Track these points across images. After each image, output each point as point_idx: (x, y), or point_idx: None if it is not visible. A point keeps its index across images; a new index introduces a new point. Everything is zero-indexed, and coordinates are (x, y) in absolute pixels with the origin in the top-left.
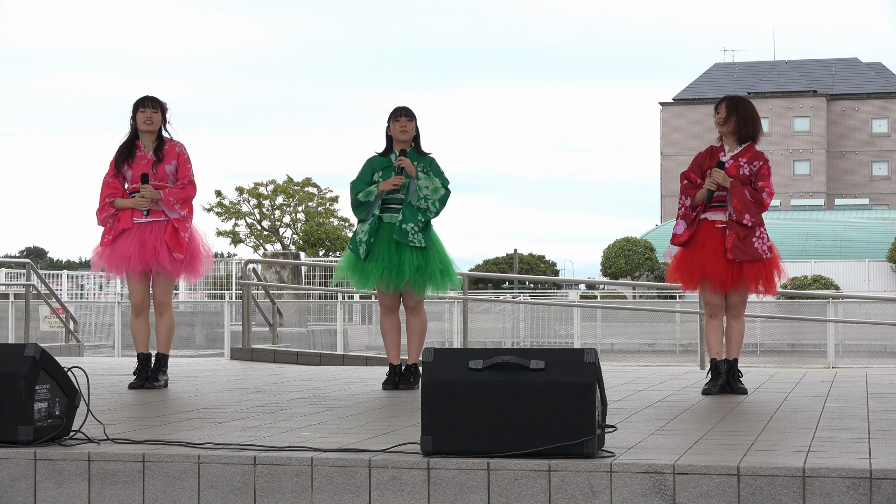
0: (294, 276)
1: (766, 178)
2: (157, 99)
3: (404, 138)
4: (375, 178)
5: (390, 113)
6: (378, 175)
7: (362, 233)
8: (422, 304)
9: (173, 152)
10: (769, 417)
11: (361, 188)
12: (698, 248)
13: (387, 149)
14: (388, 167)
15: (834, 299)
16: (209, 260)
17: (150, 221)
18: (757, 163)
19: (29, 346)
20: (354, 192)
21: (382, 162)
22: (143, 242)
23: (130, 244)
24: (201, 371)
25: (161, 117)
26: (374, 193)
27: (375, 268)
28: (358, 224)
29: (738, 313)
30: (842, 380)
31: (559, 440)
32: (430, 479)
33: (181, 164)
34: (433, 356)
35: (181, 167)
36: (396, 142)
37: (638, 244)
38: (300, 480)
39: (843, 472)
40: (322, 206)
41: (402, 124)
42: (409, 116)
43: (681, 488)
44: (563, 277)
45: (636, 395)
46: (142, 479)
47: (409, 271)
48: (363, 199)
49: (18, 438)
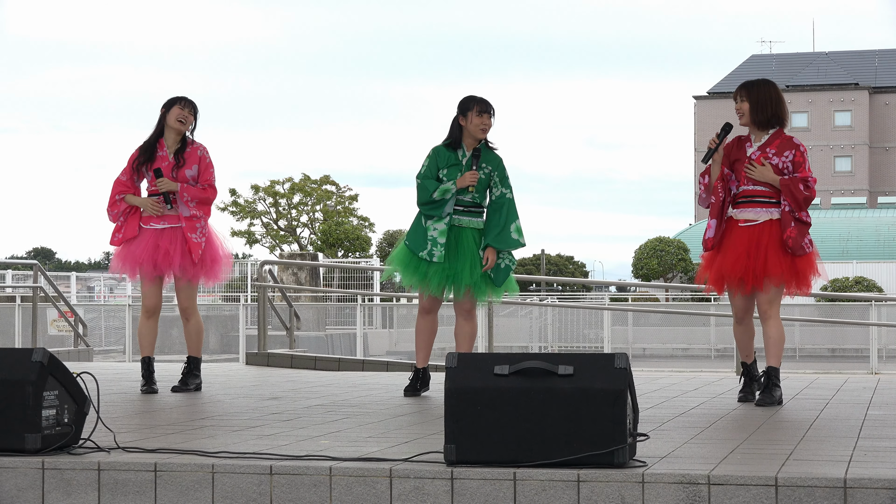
0: (312, 277)
1: (802, 166)
2: (194, 102)
3: (484, 136)
4: (440, 176)
5: (468, 103)
6: (443, 172)
7: (437, 232)
8: (475, 308)
9: (195, 156)
10: (808, 426)
11: (433, 185)
12: (723, 249)
13: (455, 141)
14: (454, 165)
15: (877, 302)
16: (228, 263)
17: (166, 228)
18: (788, 153)
19: (37, 350)
20: (428, 191)
21: (449, 158)
22: (156, 247)
23: (144, 248)
24: (215, 377)
25: (194, 119)
26: (451, 192)
27: (438, 271)
28: (428, 221)
29: (768, 315)
30: (885, 386)
31: (589, 449)
32: (453, 489)
33: (203, 168)
34: (457, 361)
35: (203, 172)
36: (469, 136)
37: (671, 244)
38: (318, 491)
39: (887, 483)
40: (341, 205)
41: (486, 121)
42: (493, 113)
43: (716, 499)
44: (592, 279)
45: (669, 402)
46: (154, 489)
47: (472, 279)
48: (439, 198)
49: (26, 447)
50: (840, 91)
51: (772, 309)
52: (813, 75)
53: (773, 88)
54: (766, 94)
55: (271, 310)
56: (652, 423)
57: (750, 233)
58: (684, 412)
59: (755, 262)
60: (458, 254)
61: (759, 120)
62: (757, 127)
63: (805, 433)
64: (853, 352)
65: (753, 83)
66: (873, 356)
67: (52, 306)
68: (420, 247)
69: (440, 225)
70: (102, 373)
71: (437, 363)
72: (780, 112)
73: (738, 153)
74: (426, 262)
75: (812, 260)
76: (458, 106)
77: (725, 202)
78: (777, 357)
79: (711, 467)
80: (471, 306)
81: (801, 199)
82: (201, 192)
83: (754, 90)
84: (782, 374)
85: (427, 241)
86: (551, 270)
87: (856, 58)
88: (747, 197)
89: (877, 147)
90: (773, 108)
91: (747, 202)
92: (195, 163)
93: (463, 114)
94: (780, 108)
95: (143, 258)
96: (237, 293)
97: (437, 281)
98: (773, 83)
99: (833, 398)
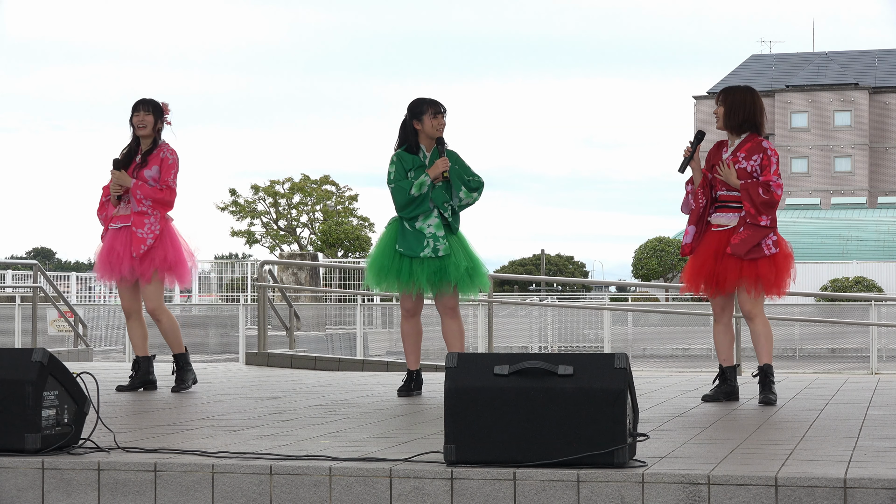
0: (312, 277)
1: (767, 169)
2: (152, 101)
3: (440, 135)
4: (409, 178)
5: (420, 106)
6: (411, 175)
7: (433, 227)
8: (458, 306)
9: (157, 157)
10: (808, 426)
11: (408, 184)
12: (696, 253)
13: (413, 145)
14: (420, 167)
15: (877, 302)
16: (194, 264)
17: (120, 227)
18: (756, 156)
19: (36, 350)
20: (405, 190)
21: (413, 160)
22: (111, 248)
23: (105, 251)
24: (215, 377)
25: (154, 119)
26: (427, 183)
27: (425, 268)
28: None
29: (752, 315)
30: (885, 386)
31: (588, 449)
32: (453, 489)
33: (163, 169)
34: (457, 361)
35: (163, 172)
36: (425, 137)
37: (671, 244)
38: (318, 491)
39: (887, 483)
40: (341, 205)
41: (441, 121)
42: (445, 111)
43: (716, 499)
44: (592, 279)
45: (669, 403)
46: (153, 489)
47: (457, 274)
48: (417, 193)
49: (26, 447)
50: (840, 91)
51: (755, 309)
52: (813, 75)
53: (749, 94)
54: (741, 100)
55: (271, 310)
56: (652, 423)
57: (720, 237)
58: (684, 412)
59: (721, 266)
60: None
61: (730, 125)
62: (730, 131)
63: (805, 433)
64: (853, 352)
65: (732, 88)
66: (873, 356)
67: (52, 306)
68: (418, 248)
69: (432, 220)
70: (102, 373)
71: (437, 363)
72: (753, 117)
73: (716, 158)
74: (408, 261)
75: (778, 262)
76: (409, 109)
77: (707, 208)
78: (768, 354)
79: (711, 467)
80: (454, 304)
81: (759, 202)
82: (156, 192)
83: (730, 95)
84: (782, 374)
85: (426, 239)
86: (551, 270)
87: (856, 58)
88: (722, 202)
89: (877, 147)
90: (746, 113)
91: (722, 207)
92: (156, 164)
93: (417, 117)
94: (753, 114)
95: (102, 262)
96: (237, 293)
97: (425, 277)
98: (752, 89)
99: (833, 398)
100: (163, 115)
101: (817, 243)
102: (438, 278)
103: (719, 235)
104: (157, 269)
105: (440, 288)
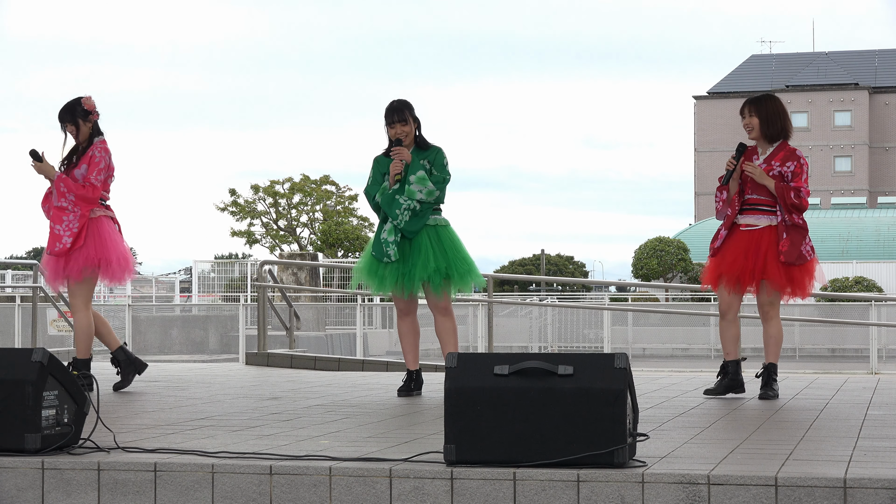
0: (311, 277)
1: (798, 177)
2: (69, 108)
3: (406, 143)
4: (386, 180)
5: (385, 116)
6: (386, 176)
7: (386, 233)
8: (449, 304)
9: (87, 156)
10: (808, 426)
11: (373, 191)
12: (723, 251)
13: (388, 148)
14: None
15: (877, 302)
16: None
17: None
18: (790, 164)
19: (36, 350)
20: (371, 197)
21: (388, 162)
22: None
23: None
24: (215, 377)
25: (78, 124)
26: (388, 190)
27: (392, 271)
28: (384, 224)
29: (768, 315)
30: (885, 386)
31: (588, 449)
32: (453, 489)
33: (90, 167)
34: (457, 361)
35: (89, 169)
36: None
37: (671, 244)
38: (318, 491)
39: (887, 483)
40: (341, 205)
41: (398, 130)
42: (402, 121)
43: (716, 499)
44: (592, 279)
45: (669, 402)
46: (153, 489)
47: (425, 273)
48: (380, 198)
49: (25, 447)
50: (840, 91)
51: (773, 309)
52: (813, 75)
53: (778, 103)
54: (774, 110)
55: (271, 310)
56: (652, 423)
57: (750, 236)
58: (684, 412)
59: (753, 264)
60: (412, 251)
61: (769, 134)
62: (766, 140)
63: (805, 433)
64: (853, 352)
65: (760, 99)
66: (873, 356)
67: (51, 306)
68: (381, 254)
69: (387, 225)
70: (102, 373)
71: (437, 363)
72: (786, 125)
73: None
74: (381, 265)
75: (811, 268)
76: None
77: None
78: (776, 354)
79: (711, 467)
80: (444, 303)
81: (790, 204)
82: (79, 188)
83: (763, 106)
84: (782, 374)
85: (382, 244)
86: (551, 270)
87: (856, 58)
88: (751, 205)
89: (877, 147)
90: (781, 121)
91: (750, 209)
92: (86, 162)
93: (386, 125)
94: (786, 122)
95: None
96: (237, 293)
97: (392, 280)
98: (777, 98)
99: (833, 398)
100: (86, 113)
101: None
102: (406, 279)
103: (749, 235)
104: (85, 266)
105: (410, 289)
